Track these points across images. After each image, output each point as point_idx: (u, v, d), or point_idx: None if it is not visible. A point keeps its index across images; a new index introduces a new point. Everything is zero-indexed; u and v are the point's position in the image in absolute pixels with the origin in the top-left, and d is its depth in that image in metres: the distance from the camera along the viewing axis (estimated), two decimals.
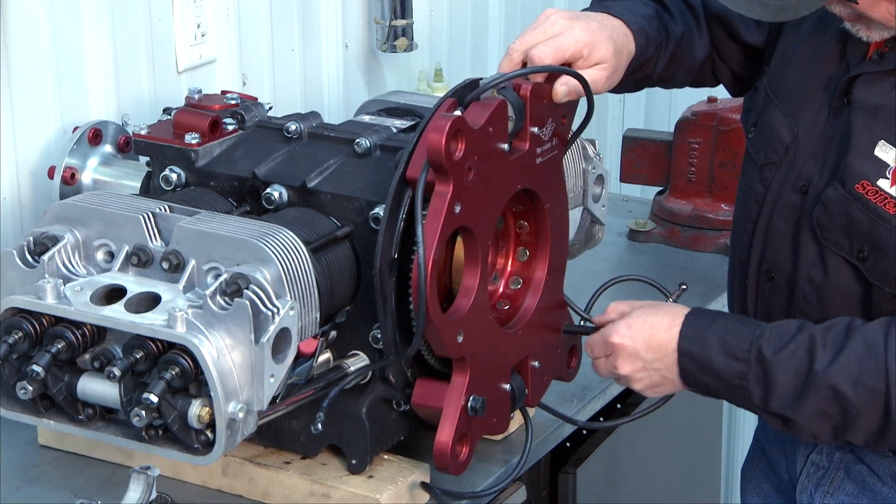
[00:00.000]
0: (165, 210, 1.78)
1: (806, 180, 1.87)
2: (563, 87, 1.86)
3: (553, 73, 1.86)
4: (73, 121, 2.23)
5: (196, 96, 2.05)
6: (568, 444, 2.27)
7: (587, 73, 1.88)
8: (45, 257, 1.74)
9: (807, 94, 1.90)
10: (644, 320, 1.87)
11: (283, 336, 1.67)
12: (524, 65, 1.86)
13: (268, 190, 1.88)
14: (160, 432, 1.69)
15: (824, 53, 1.90)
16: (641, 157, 2.91)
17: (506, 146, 1.82)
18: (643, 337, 1.86)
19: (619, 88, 2.07)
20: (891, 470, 1.90)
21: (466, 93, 1.82)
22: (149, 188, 2.01)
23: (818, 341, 1.76)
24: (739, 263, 2.00)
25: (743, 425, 3.88)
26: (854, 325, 1.76)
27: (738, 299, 2.02)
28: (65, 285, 1.72)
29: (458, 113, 1.76)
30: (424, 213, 1.73)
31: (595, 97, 1.91)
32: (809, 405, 1.76)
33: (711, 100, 2.83)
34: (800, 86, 1.92)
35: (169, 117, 2.03)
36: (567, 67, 1.86)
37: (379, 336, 1.82)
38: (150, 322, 1.66)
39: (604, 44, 1.89)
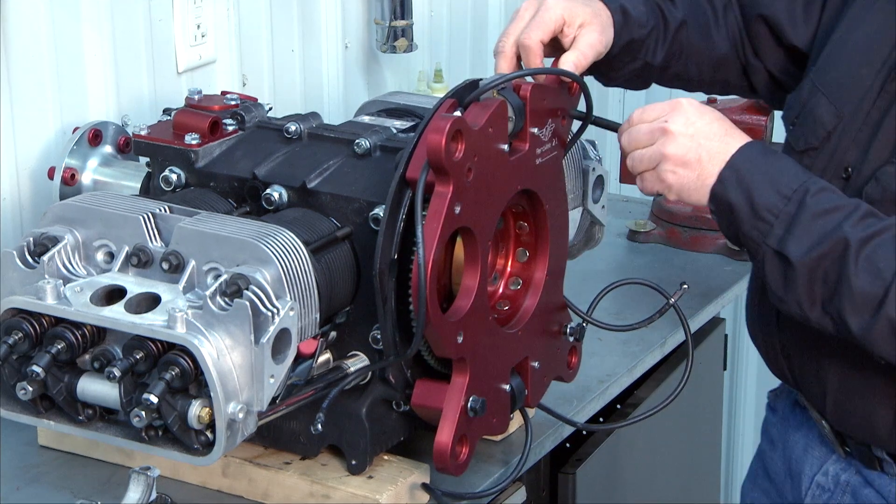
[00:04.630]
0: (165, 211, 1.78)
1: (849, 165, 1.84)
2: (569, 63, 1.88)
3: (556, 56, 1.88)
4: (73, 121, 2.23)
5: (196, 97, 2.05)
6: (568, 445, 2.27)
7: (582, 40, 1.89)
8: (45, 258, 1.74)
9: (856, 80, 1.87)
10: (715, 110, 1.80)
11: (282, 337, 1.67)
12: (518, 58, 1.87)
13: (268, 190, 1.88)
14: (160, 433, 1.69)
15: (881, 39, 1.86)
16: None
17: (505, 147, 1.82)
18: (713, 113, 1.78)
19: (628, 83, 2.06)
20: None
21: (466, 93, 1.82)
22: (149, 189, 2.01)
23: (861, 212, 1.71)
24: None
25: (743, 426, 3.89)
26: None
27: (762, 292, 1.96)
28: (65, 286, 1.72)
29: (457, 114, 1.76)
30: (424, 213, 1.73)
31: (594, 98, 1.92)
32: (817, 256, 1.69)
33: (711, 100, 2.82)
34: (849, 73, 1.88)
35: (169, 118, 2.03)
36: (568, 70, 1.87)
37: (379, 337, 1.82)
38: (150, 323, 1.66)
39: (579, 6, 1.90)
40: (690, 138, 1.75)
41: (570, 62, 1.89)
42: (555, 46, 1.91)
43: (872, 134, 1.83)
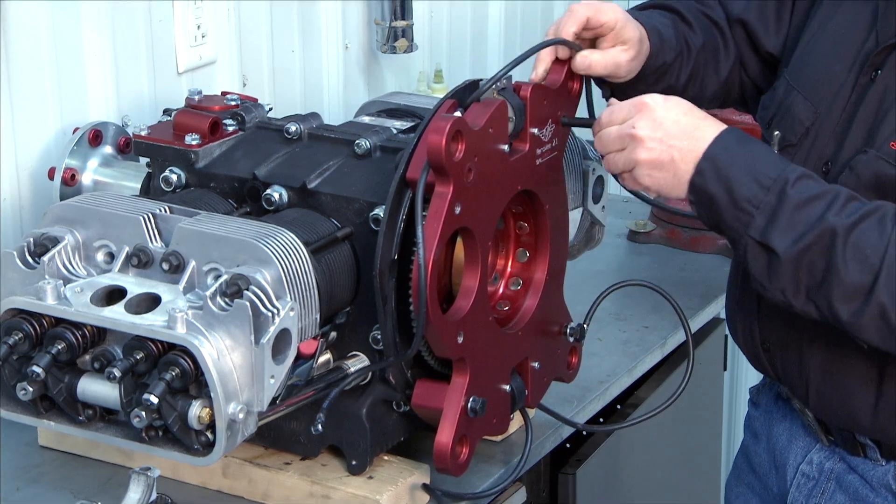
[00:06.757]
0: (165, 211, 1.78)
1: (827, 160, 1.86)
2: (585, 60, 1.90)
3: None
4: (74, 122, 2.23)
5: (196, 97, 2.05)
6: (568, 445, 2.27)
7: (612, 52, 1.91)
8: (46, 258, 1.74)
9: (830, 77, 1.89)
10: (681, 101, 1.79)
11: (283, 337, 1.68)
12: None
13: (268, 191, 1.88)
14: (160, 433, 1.70)
15: (851, 35, 1.89)
16: None
17: (506, 147, 1.82)
18: (678, 108, 1.77)
19: None
20: (884, 480, 1.89)
21: (466, 94, 1.83)
22: (149, 189, 2.01)
23: (842, 198, 1.70)
24: None
25: (742, 427, 3.88)
26: (884, 206, 1.70)
27: (742, 285, 1.99)
28: (65, 286, 1.72)
29: (458, 114, 1.76)
30: (424, 213, 1.73)
31: (595, 101, 1.92)
32: (802, 247, 1.69)
33: None
34: (823, 70, 1.91)
35: (169, 118, 2.03)
36: (566, 39, 1.87)
37: (379, 337, 1.82)
38: (151, 323, 1.66)
39: (631, 26, 1.92)
40: (659, 142, 1.75)
41: (595, 61, 1.90)
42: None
43: (847, 127, 1.85)
